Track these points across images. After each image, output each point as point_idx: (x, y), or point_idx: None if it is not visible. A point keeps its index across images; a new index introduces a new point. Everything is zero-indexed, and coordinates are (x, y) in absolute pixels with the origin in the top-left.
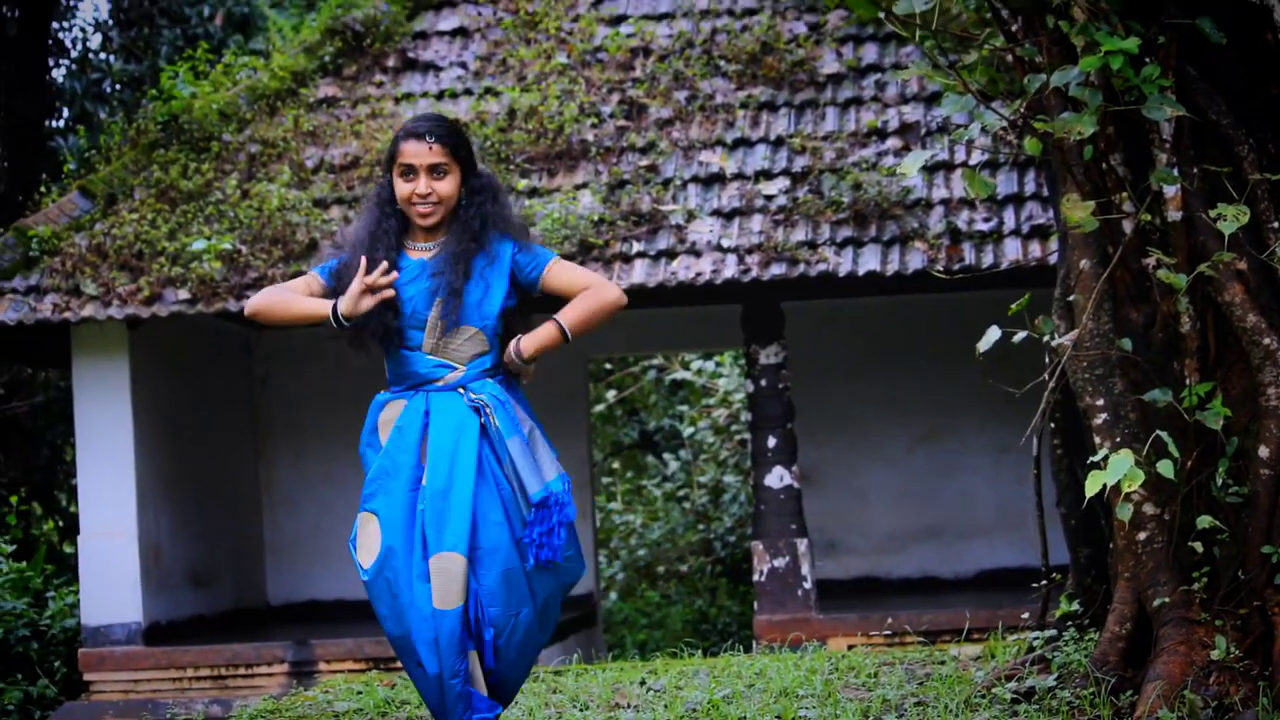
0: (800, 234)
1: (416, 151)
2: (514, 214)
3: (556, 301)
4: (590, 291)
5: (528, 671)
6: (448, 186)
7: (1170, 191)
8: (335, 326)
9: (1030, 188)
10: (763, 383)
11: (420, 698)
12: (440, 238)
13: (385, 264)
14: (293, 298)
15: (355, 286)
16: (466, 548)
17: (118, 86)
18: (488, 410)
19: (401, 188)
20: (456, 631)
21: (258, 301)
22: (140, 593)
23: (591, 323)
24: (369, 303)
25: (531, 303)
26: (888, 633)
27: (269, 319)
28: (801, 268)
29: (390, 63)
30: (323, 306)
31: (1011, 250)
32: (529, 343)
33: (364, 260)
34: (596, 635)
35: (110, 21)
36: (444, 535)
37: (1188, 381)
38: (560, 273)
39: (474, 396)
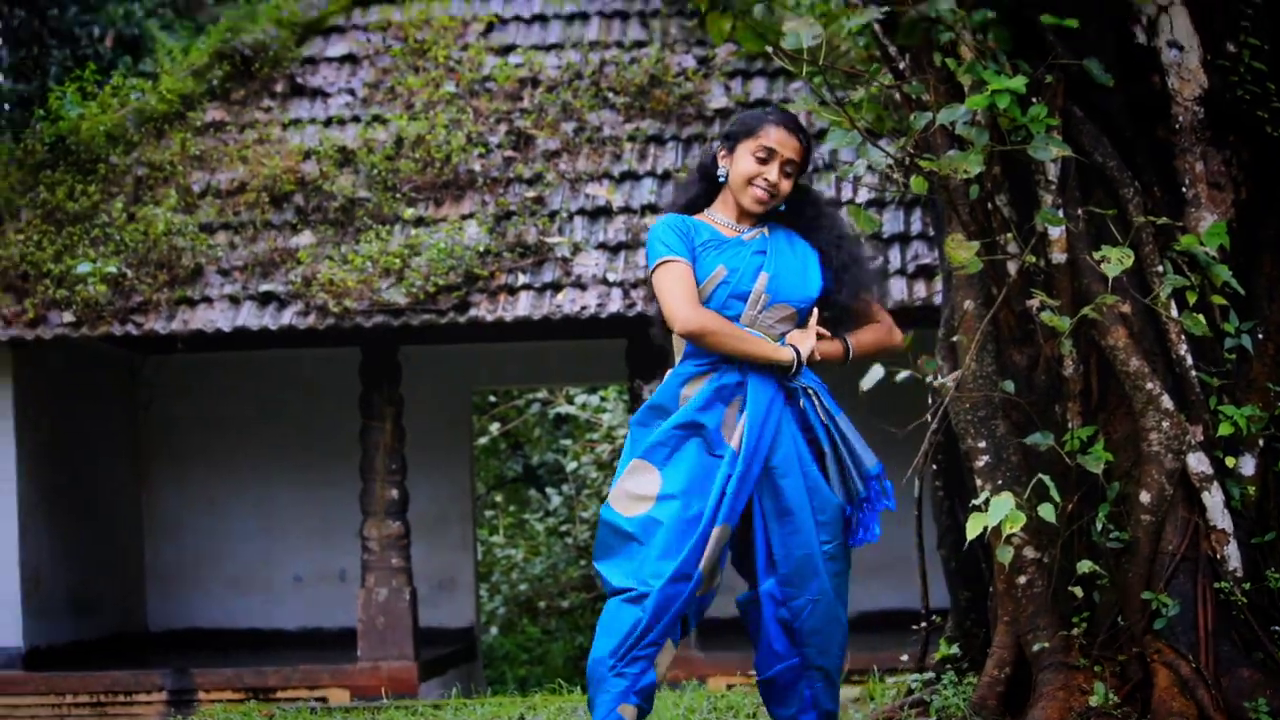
0: None
1: (783, 141)
2: (848, 230)
3: None
4: (884, 326)
5: (842, 658)
6: (788, 186)
7: (1055, 233)
8: (792, 367)
9: (916, 227)
10: None
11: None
12: (752, 225)
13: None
14: (745, 335)
15: (809, 341)
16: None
17: (6, 106)
18: (811, 393)
19: (749, 166)
20: (691, 602)
21: (705, 324)
22: (21, 617)
23: (873, 354)
24: (812, 342)
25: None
26: None
27: (714, 346)
28: None
29: (278, 88)
30: (782, 353)
31: (897, 290)
32: (820, 350)
33: (813, 315)
34: (477, 670)
35: None
36: (736, 507)
37: (1070, 425)
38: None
39: (797, 381)
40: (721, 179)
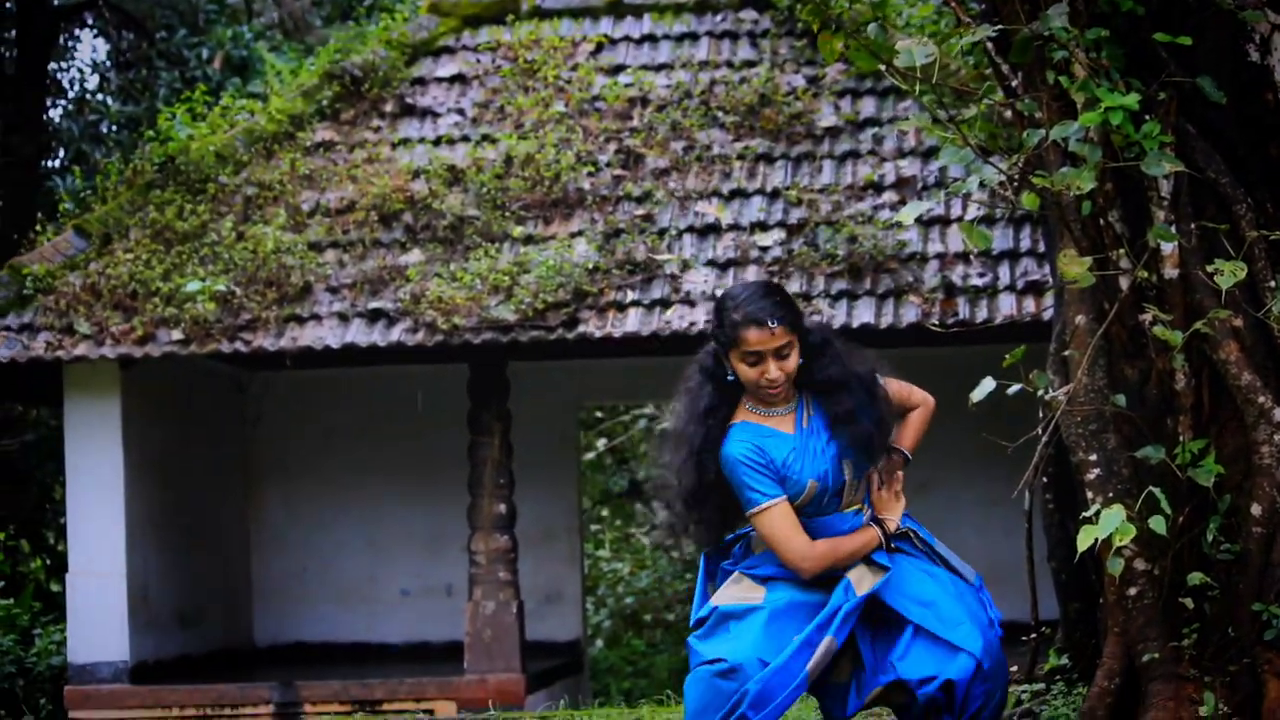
0: (795, 286)
1: (761, 340)
2: (854, 358)
3: None
4: (921, 411)
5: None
6: (792, 363)
7: (1167, 248)
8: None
9: (1025, 243)
10: None
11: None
12: (789, 400)
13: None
14: (850, 546)
15: (898, 508)
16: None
17: (115, 127)
18: (910, 534)
19: (747, 372)
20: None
21: (823, 563)
22: (128, 631)
23: (926, 431)
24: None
25: None
26: None
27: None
28: None
29: (388, 108)
30: (871, 538)
31: (1006, 306)
32: (897, 484)
33: (875, 477)
34: (583, 682)
35: (108, 63)
36: (843, 627)
37: (1181, 438)
38: (889, 389)
39: (899, 529)
40: (732, 378)
